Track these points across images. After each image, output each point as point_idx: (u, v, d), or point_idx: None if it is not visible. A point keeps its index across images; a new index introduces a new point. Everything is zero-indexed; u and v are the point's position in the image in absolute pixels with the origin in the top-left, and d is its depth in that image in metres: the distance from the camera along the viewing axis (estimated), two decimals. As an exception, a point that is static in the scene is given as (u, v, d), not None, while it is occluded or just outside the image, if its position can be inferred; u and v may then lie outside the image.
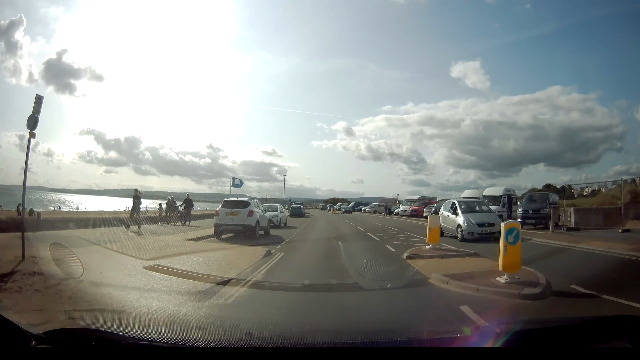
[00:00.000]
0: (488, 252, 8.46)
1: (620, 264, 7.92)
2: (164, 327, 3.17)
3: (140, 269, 6.34)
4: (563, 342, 1.76)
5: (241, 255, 8.51)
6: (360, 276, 5.77)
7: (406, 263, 7.71)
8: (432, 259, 7.98)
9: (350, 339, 2.02)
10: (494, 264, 6.06)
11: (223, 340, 1.77)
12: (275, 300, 4.99)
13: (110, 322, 3.26)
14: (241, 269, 6.62)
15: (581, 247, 10.20)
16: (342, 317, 4.14)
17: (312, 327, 3.31)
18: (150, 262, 6.82)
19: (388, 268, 7.24)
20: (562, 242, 11.35)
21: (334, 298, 5.16)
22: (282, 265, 7.49)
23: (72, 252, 5.96)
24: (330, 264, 7.80)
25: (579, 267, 7.73)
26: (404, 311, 4.50)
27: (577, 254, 9.48)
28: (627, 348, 1.67)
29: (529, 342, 1.77)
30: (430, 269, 6.59)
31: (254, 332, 2.20)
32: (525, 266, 5.90)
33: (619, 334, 1.78)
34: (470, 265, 7.02)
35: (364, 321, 3.98)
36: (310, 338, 2.03)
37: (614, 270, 7.32)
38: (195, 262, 7.41)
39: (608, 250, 9.34)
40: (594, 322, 2.11)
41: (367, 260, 7.45)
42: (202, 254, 8.71)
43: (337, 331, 2.60)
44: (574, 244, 10.75)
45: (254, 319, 3.90)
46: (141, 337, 1.83)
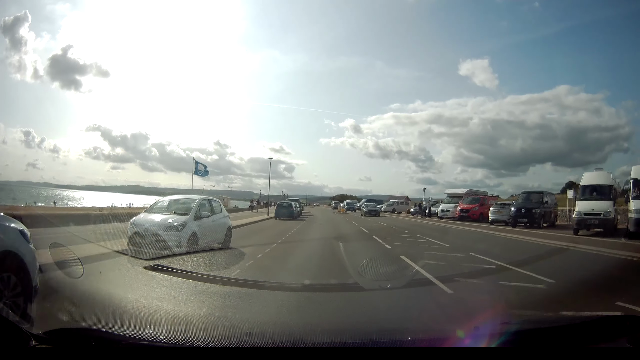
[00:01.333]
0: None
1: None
2: (164, 326, 3.18)
3: (140, 269, 6.34)
4: (563, 342, 1.76)
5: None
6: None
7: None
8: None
9: (350, 339, 2.02)
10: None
11: (224, 340, 1.77)
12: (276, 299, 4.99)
13: (110, 322, 3.27)
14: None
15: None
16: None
17: (312, 327, 3.31)
18: (150, 262, 6.82)
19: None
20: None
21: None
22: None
23: (72, 251, 5.95)
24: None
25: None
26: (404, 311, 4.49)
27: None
28: (627, 348, 1.68)
29: (528, 342, 1.77)
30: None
31: (254, 332, 2.20)
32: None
33: (619, 334, 1.78)
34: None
35: (364, 321, 3.98)
36: (310, 338, 2.03)
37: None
38: (195, 262, 7.41)
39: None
40: (594, 322, 2.10)
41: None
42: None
43: (337, 331, 2.60)
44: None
45: (254, 318, 3.90)
46: (141, 337, 1.83)
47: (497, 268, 7.50)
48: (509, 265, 7.67)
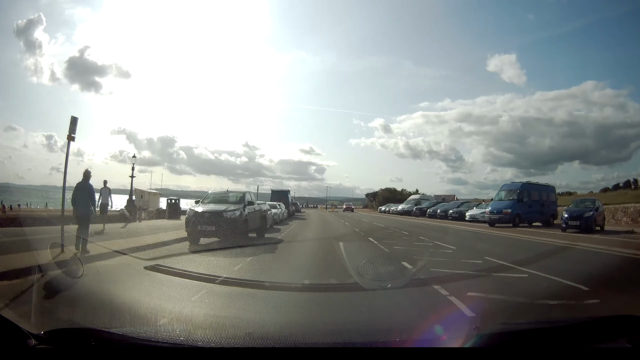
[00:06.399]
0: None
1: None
2: (165, 326, 3.18)
3: (141, 269, 6.33)
4: (563, 342, 1.76)
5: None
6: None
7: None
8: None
9: (350, 339, 2.02)
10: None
11: (224, 340, 1.77)
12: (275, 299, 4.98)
13: (110, 322, 3.27)
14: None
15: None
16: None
17: (312, 327, 3.31)
18: (150, 262, 6.82)
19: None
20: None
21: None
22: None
23: (72, 250, 5.95)
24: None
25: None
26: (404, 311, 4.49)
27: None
28: (627, 348, 1.67)
29: (528, 342, 1.77)
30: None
31: (254, 332, 2.20)
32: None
33: (619, 334, 1.78)
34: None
35: (364, 321, 3.98)
36: (310, 338, 2.03)
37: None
38: (195, 262, 7.41)
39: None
40: (594, 322, 2.10)
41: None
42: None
43: (337, 331, 2.60)
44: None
45: (254, 318, 3.90)
46: (141, 337, 1.83)
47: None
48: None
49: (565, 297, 5.01)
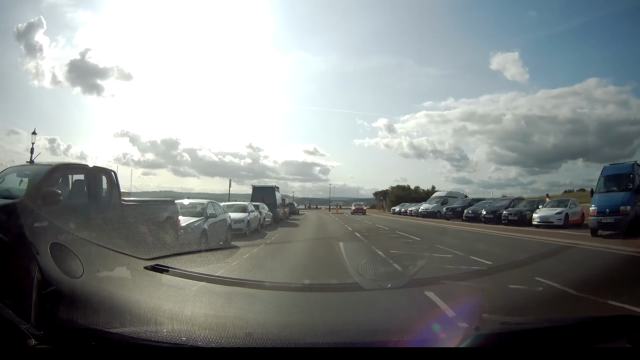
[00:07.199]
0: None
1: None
2: (164, 326, 3.18)
3: (140, 269, 6.32)
4: (563, 342, 1.76)
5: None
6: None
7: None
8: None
9: (350, 339, 2.02)
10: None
11: (224, 340, 1.77)
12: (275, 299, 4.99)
13: (110, 322, 3.26)
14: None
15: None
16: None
17: (312, 327, 3.31)
18: (150, 262, 6.81)
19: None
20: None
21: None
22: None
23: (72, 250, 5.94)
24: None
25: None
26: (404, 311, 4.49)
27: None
28: (627, 348, 1.67)
29: (528, 342, 1.77)
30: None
31: (254, 332, 2.20)
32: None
33: (619, 334, 1.78)
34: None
35: (364, 321, 3.98)
36: (310, 338, 2.03)
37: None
38: (195, 262, 7.40)
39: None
40: (593, 322, 2.10)
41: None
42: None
43: (337, 331, 2.60)
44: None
45: (254, 318, 3.90)
46: (141, 337, 1.83)
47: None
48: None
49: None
